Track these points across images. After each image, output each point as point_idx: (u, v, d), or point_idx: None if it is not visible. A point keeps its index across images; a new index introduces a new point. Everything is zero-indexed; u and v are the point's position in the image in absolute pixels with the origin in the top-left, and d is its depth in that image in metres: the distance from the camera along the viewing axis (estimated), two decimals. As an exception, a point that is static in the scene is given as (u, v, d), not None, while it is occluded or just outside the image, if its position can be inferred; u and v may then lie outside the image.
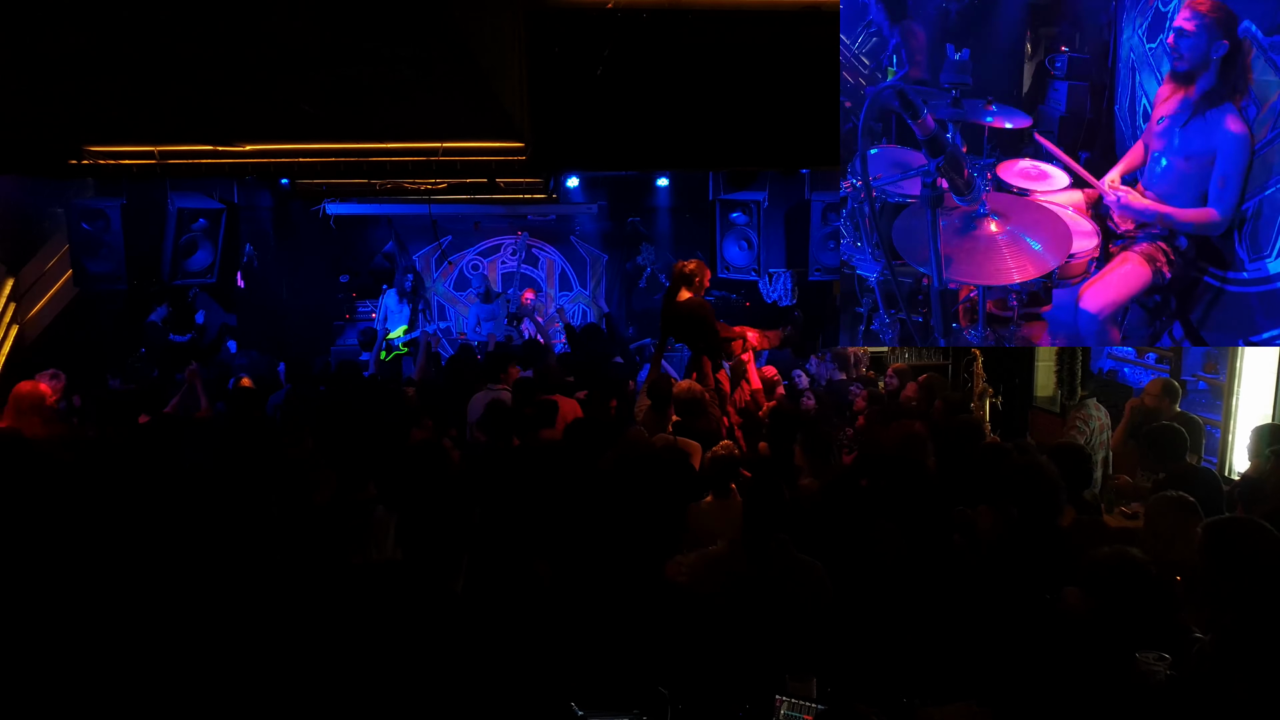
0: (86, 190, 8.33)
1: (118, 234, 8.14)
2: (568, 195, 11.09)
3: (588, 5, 6.20)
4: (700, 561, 3.60)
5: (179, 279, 8.78)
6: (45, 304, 8.57)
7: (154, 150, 7.05)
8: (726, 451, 4.50)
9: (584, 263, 12.32)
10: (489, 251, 12.20)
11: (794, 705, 2.90)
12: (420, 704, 2.69)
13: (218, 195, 8.94)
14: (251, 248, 10.23)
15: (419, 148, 7.11)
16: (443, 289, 12.22)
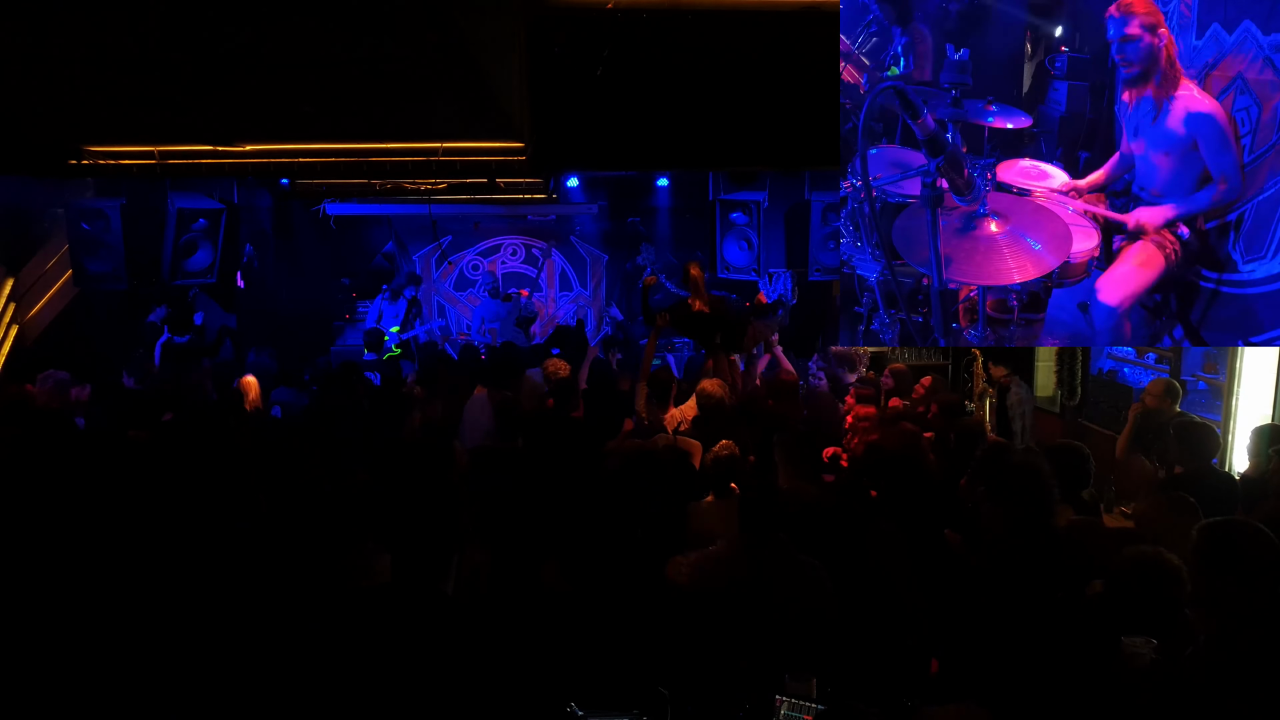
0: (86, 190, 8.33)
1: (117, 234, 8.14)
2: (568, 195, 11.10)
3: (588, 5, 6.19)
4: (700, 561, 3.60)
5: (179, 279, 8.78)
6: (45, 304, 8.57)
7: (154, 150, 7.06)
8: (727, 451, 4.48)
9: (584, 263, 12.32)
10: (489, 251, 12.21)
11: (794, 705, 2.90)
12: (415, 706, 2.69)
13: (217, 195, 8.94)
14: (251, 248, 10.23)
15: (419, 148, 7.11)
16: (443, 289, 12.22)
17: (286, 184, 10.20)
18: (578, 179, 10.78)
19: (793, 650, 3.18)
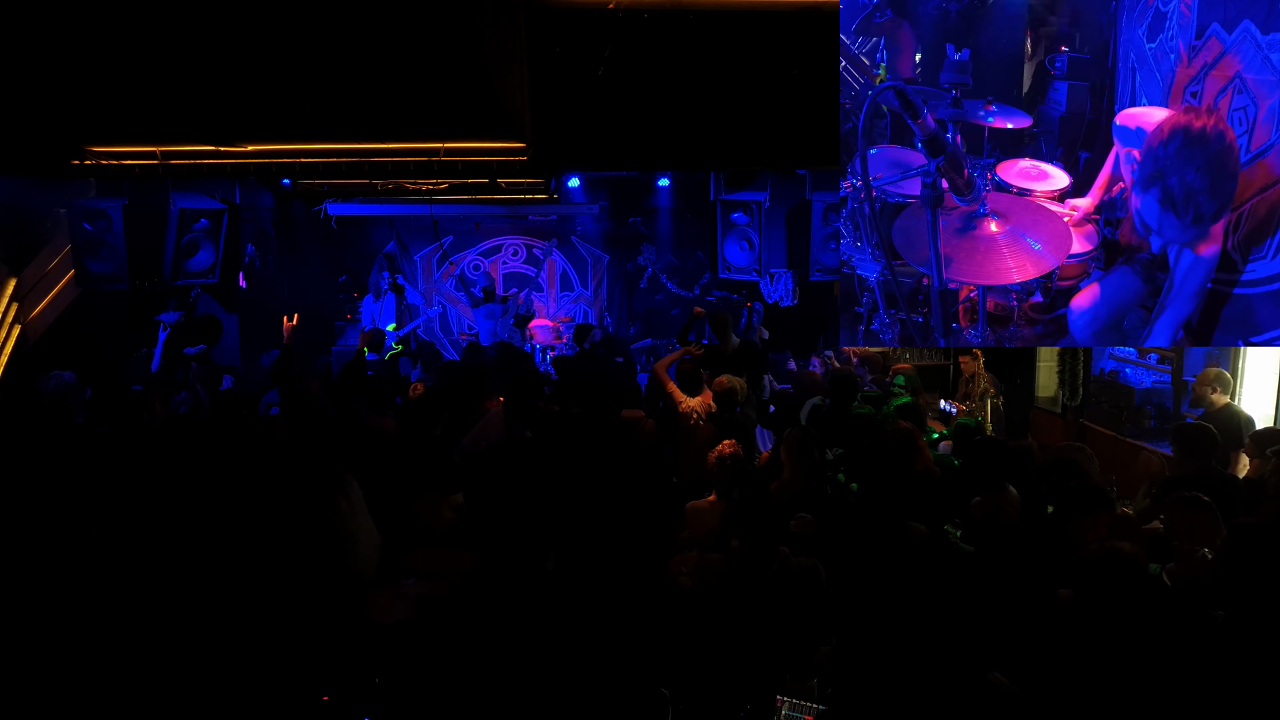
0: (88, 191, 8.34)
1: (119, 234, 8.14)
2: (569, 195, 11.11)
3: (589, 5, 6.20)
4: (701, 561, 3.60)
5: (181, 279, 8.78)
6: (47, 304, 8.58)
7: (156, 151, 7.07)
8: (730, 450, 4.48)
9: (585, 263, 12.33)
10: (490, 251, 12.22)
11: (795, 705, 2.90)
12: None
13: (219, 195, 8.96)
14: (253, 248, 10.24)
15: (420, 148, 7.12)
16: (445, 289, 12.24)
17: (288, 184, 10.22)
18: (579, 179, 10.79)
19: (793, 650, 3.19)
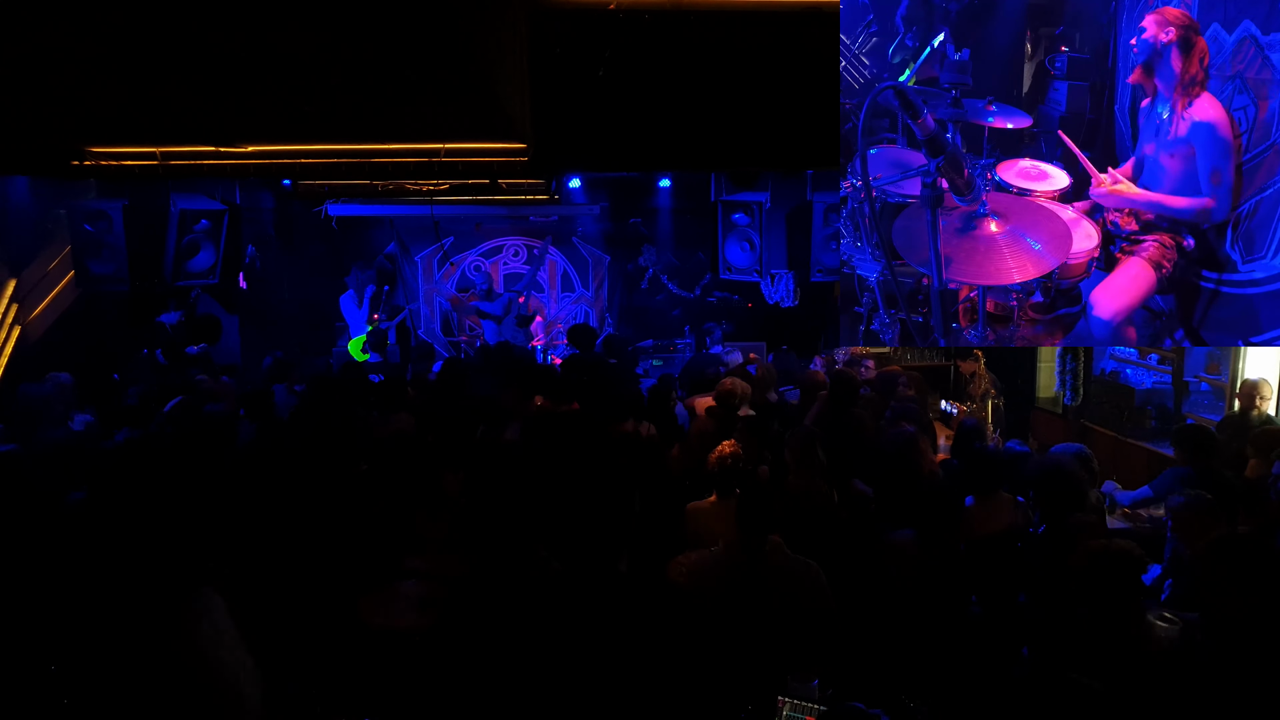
0: (88, 191, 8.34)
1: (120, 235, 8.13)
2: (569, 196, 11.10)
3: (590, 6, 6.20)
4: (701, 562, 3.60)
5: (181, 280, 8.78)
6: (47, 305, 8.58)
7: (156, 151, 7.07)
8: (730, 450, 4.47)
9: (586, 264, 12.33)
10: (491, 252, 12.22)
11: (796, 706, 2.90)
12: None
13: (220, 196, 8.95)
14: (253, 249, 10.24)
15: (421, 149, 7.12)
16: (445, 290, 12.24)
17: (288, 185, 10.21)
18: (579, 180, 10.79)
19: (794, 651, 3.18)
